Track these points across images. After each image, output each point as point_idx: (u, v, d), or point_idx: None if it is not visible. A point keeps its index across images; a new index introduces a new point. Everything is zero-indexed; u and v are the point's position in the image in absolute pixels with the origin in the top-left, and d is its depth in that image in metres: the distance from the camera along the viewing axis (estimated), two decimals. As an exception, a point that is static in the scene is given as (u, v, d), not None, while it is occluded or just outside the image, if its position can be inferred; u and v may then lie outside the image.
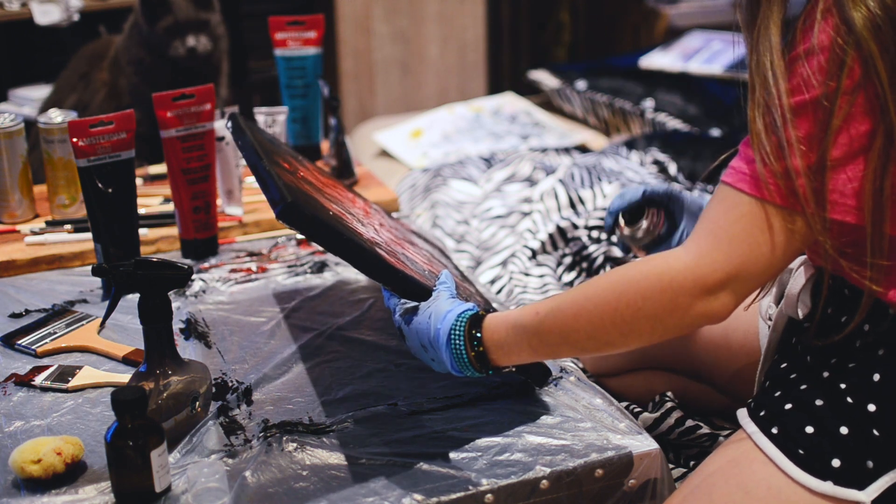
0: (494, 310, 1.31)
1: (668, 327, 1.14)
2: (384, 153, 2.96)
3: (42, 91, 2.89)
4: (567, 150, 2.84)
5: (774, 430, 1.22)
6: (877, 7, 1.08)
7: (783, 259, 1.14)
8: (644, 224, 1.53)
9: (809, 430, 1.20)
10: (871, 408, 1.18)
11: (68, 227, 1.83)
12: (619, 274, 1.16)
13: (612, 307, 1.14)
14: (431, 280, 1.35)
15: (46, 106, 2.54)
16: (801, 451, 1.19)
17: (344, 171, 2.02)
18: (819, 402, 1.21)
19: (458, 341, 1.21)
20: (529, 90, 3.44)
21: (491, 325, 1.21)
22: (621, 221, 1.55)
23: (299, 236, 1.86)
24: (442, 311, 1.24)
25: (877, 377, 1.19)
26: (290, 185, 1.27)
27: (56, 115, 1.86)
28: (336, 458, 1.25)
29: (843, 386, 1.21)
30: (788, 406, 1.23)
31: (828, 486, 1.18)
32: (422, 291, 1.28)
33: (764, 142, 1.11)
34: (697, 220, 1.19)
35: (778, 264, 1.14)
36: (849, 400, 1.19)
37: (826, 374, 1.23)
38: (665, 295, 1.13)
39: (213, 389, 1.38)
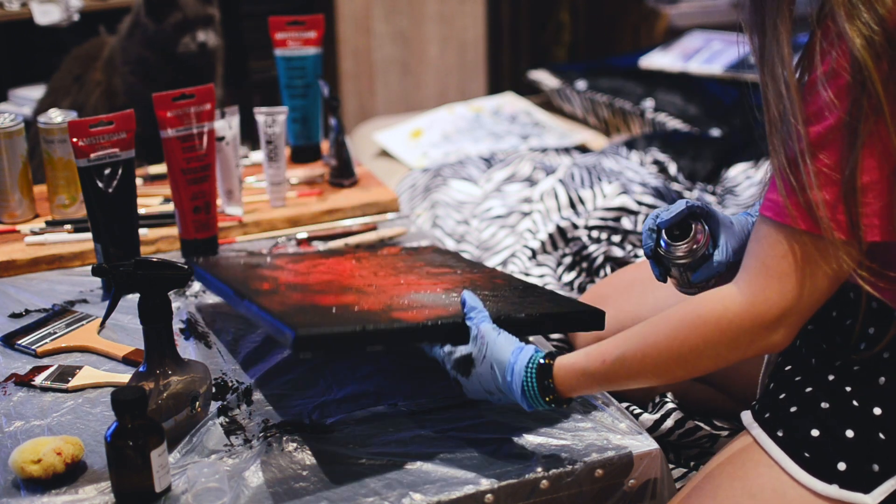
0: (555, 350, 1.28)
1: (729, 360, 1.19)
2: (384, 153, 2.96)
3: (42, 91, 2.89)
4: (567, 150, 2.84)
5: (780, 433, 1.22)
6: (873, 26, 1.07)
7: (834, 285, 1.14)
8: (697, 239, 1.36)
9: (815, 433, 1.20)
10: (877, 411, 1.18)
11: (68, 227, 1.83)
12: (678, 318, 1.19)
13: (675, 352, 1.18)
14: (454, 303, 1.34)
15: (41, 108, 2.53)
16: (806, 454, 1.19)
17: (344, 171, 2.02)
18: (825, 405, 1.21)
19: (532, 392, 1.23)
20: (529, 90, 3.44)
21: (560, 375, 1.23)
22: (665, 238, 1.38)
23: (300, 236, 1.86)
24: (504, 362, 1.23)
25: (882, 380, 1.19)
26: (287, 312, 1.26)
27: (56, 115, 1.86)
28: (336, 458, 1.25)
29: (848, 389, 1.20)
30: (794, 409, 1.23)
31: (833, 490, 1.17)
32: (457, 329, 1.28)
33: (791, 172, 1.11)
34: (736, 240, 1.24)
35: (830, 291, 1.14)
36: (854, 403, 1.19)
37: (831, 378, 1.22)
38: (725, 336, 1.16)
39: (213, 389, 1.38)
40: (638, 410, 1.56)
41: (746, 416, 1.27)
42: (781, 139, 1.12)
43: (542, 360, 1.23)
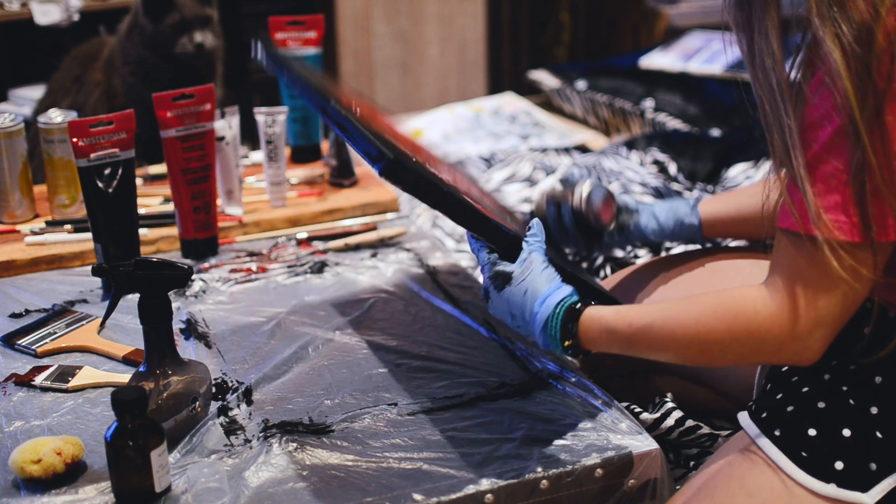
0: (588, 298, 1.28)
1: (752, 361, 1.22)
2: (384, 153, 2.96)
3: (42, 91, 2.89)
4: (567, 150, 2.84)
5: (777, 433, 1.22)
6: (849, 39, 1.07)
7: (864, 290, 1.13)
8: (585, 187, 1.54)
9: (812, 432, 1.20)
10: (874, 410, 1.18)
11: (68, 227, 1.83)
12: (711, 306, 1.19)
13: (700, 339, 1.19)
14: (513, 225, 1.35)
15: (40, 109, 2.53)
16: (803, 454, 1.19)
17: (344, 171, 2.02)
18: (821, 405, 1.21)
19: (553, 331, 1.24)
20: (529, 90, 3.44)
21: (585, 323, 1.24)
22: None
23: (299, 236, 1.86)
24: (539, 292, 1.25)
25: (878, 379, 1.19)
26: (385, 140, 1.22)
27: (56, 115, 1.86)
28: (336, 458, 1.25)
29: (844, 388, 1.20)
30: (791, 408, 1.23)
31: (831, 489, 1.17)
32: (515, 243, 1.29)
33: (805, 179, 1.10)
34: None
35: (860, 297, 1.14)
36: (851, 402, 1.19)
37: (827, 377, 1.23)
38: (753, 338, 1.16)
39: (213, 389, 1.38)
40: (638, 409, 1.55)
41: (743, 417, 1.27)
42: (782, 144, 1.12)
43: (573, 303, 1.24)
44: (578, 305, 1.24)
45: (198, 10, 2.42)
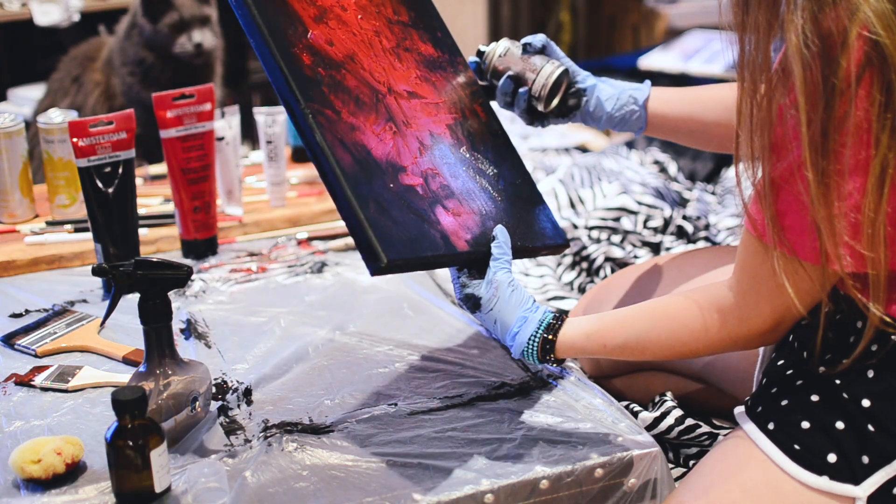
0: (556, 323, 1.30)
1: (721, 353, 1.28)
2: (384, 153, 2.96)
3: (42, 91, 2.89)
4: (567, 150, 2.84)
5: (771, 426, 1.22)
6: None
7: (824, 292, 1.17)
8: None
9: (805, 425, 1.20)
10: (866, 403, 1.19)
11: (68, 227, 1.83)
12: (677, 317, 1.26)
13: (672, 349, 1.27)
14: (489, 211, 1.36)
15: (40, 110, 2.53)
16: (796, 447, 1.19)
17: (344, 171, 2.01)
18: (815, 398, 1.21)
19: (531, 359, 1.29)
20: (529, 90, 3.43)
21: (561, 351, 1.29)
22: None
23: (299, 236, 1.86)
24: (509, 324, 1.29)
25: (871, 374, 1.19)
26: (382, 228, 1.22)
27: (56, 115, 1.86)
28: (336, 458, 1.25)
29: (837, 382, 1.21)
30: (784, 402, 1.23)
31: (823, 481, 1.18)
32: (479, 260, 1.31)
33: (766, 192, 1.16)
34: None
35: (819, 297, 1.19)
36: (844, 395, 1.20)
37: (822, 370, 1.23)
38: (723, 343, 1.25)
39: (213, 389, 1.38)
40: (638, 409, 1.56)
41: (739, 411, 1.28)
42: (756, 151, 1.15)
43: (545, 337, 1.28)
44: (551, 336, 1.28)
45: (196, 9, 2.42)
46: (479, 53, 1.57)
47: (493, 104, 1.56)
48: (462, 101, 1.48)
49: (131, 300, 1.30)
